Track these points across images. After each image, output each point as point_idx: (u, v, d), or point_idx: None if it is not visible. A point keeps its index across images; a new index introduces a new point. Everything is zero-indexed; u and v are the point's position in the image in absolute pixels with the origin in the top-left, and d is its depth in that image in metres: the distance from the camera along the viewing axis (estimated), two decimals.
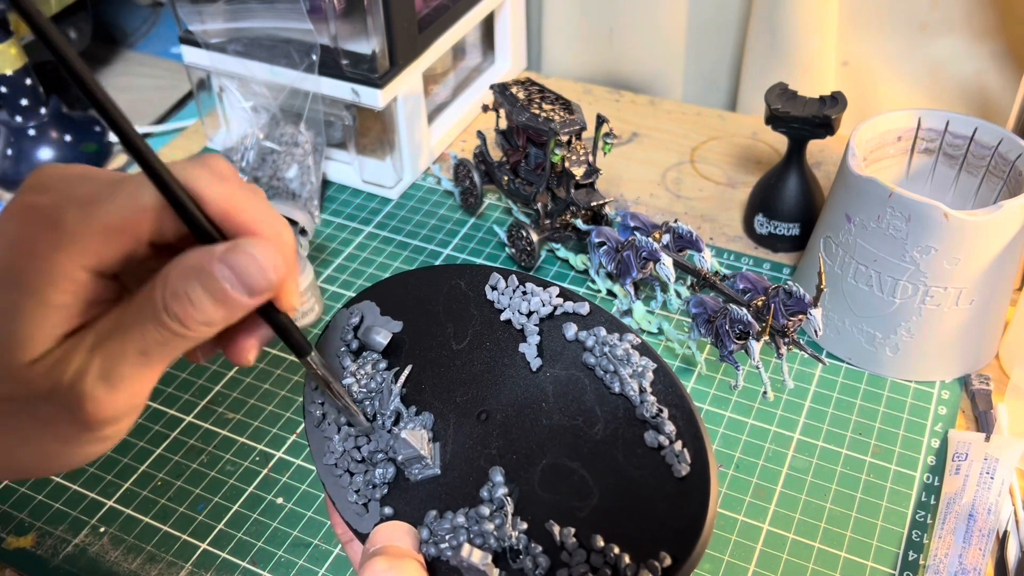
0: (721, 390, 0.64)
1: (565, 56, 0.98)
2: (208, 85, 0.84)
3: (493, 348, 0.45)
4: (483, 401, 0.43)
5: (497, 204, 0.81)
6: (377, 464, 0.43)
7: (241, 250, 0.33)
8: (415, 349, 0.46)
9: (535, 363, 0.44)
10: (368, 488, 0.42)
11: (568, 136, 0.68)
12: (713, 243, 0.76)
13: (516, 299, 0.46)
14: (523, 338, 0.45)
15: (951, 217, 0.57)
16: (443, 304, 0.47)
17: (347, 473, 0.43)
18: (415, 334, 0.46)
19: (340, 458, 0.43)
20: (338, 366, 0.45)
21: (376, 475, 0.42)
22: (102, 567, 0.55)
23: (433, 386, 0.44)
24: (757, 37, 0.86)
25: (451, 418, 0.43)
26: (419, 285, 0.47)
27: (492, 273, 0.46)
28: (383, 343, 0.46)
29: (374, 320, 0.47)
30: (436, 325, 0.46)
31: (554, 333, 0.45)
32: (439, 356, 0.45)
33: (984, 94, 0.85)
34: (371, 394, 0.44)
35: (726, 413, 0.62)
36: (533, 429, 0.42)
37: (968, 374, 0.64)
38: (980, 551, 0.52)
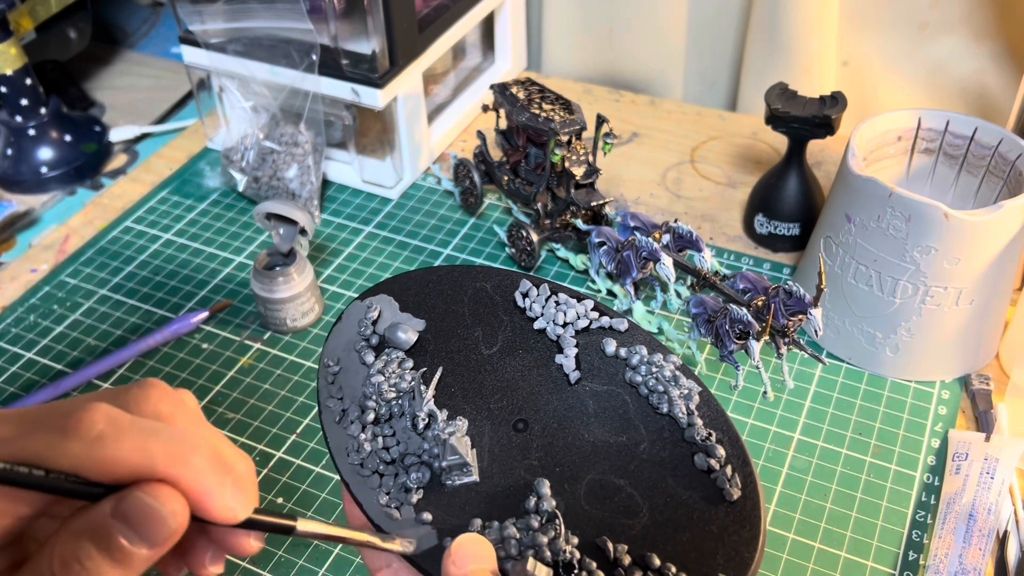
0: (721, 390, 0.64)
1: (565, 56, 0.98)
2: (208, 85, 0.84)
3: (527, 357, 0.44)
4: (519, 410, 0.43)
5: (497, 204, 0.81)
6: (410, 467, 0.41)
7: (134, 499, 0.29)
8: (441, 350, 0.45)
9: (573, 376, 0.43)
10: (400, 492, 0.40)
11: (568, 136, 0.68)
12: (713, 243, 0.76)
13: (549, 308, 0.45)
14: (559, 349, 0.44)
15: (951, 217, 0.57)
16: (469, 306, 0.46)
17: (376, 475, 0.41)
18: (440, 334, 0.45)
19: (368, 458, 0.41)
20: (357, 360, 0.44)
21: (411, 478, 0.40)
22: None
23: (464, 390, 0.43)
24: (757, 37, 0.86)
25: (486, 425, 0.42)
26: (441, 284, 0.47)
27: (522, 280, 0.46)
28: (410, 341, 0.45)
29: (394, 316, 0.46)
30: (462, 327, 0.45)
31: (591, 347, 0.44)
32: (468, 360, 0.44)
33: (984, 94, 0.85)
34: (400, 394, 0.43)
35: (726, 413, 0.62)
36: (576, 443, 0.41)
37: (968, 374, 0.64)
38: (980, 551, 0.52)
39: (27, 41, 0.90)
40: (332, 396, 0.43)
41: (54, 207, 0.85)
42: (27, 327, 0.71)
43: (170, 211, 0.82)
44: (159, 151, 0.90)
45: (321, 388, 0.44)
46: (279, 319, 0.68)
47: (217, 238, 0.79)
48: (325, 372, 0.44)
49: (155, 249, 0.78)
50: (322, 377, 0.44)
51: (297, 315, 0.68)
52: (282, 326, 0.69)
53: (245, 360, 0.68)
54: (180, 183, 0.85)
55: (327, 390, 0.44)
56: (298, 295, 0.67)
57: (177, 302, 0.73)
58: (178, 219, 0.81)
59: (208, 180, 0.85)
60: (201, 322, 0.70)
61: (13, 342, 0.70)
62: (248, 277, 0.75)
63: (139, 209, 0.82)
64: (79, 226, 0.81)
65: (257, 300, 0.68)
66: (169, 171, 0.87)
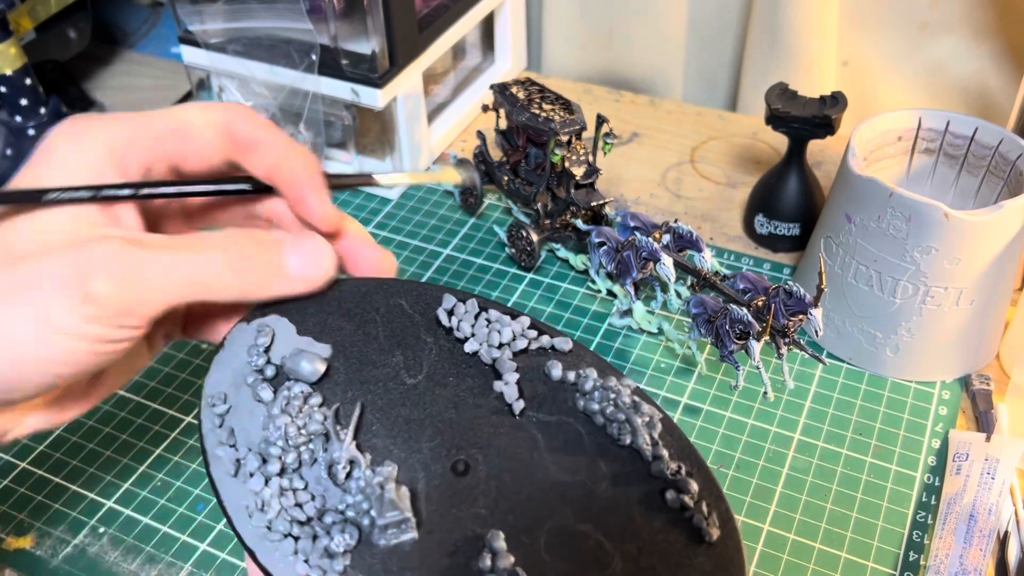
0: (721, 390, 0.64)
1: (565, 56, 0.98)
2: (208, 85, 0.84)
3: (459, 385, 0.38)
4: (458, 449, 0.37)
5: (497, 204, 0.81)
6: (332, 526, 0.35)
7: (308, 243, 0.38)
8: (355, 380, 0.38)
9: (517, 406, 0.38)
10: (322, 557, 0.34)
11: (568, 136, 0.68)
12: (713, 243, 0.76)
13: (480, 328, 0.39)
14: (497, 375, 0.39)
15: (952, 217, 0.57)
16: (383, 327, 0.40)
17: (289, 538, 0.34)
18: (351, 362, 0.39)
19: (276, 519, 0.34)
20: (250, 397, 0.37)
21: (335, 541, 0.34)
22: (101, 567, 0.55)
23: (388, 429, 0.37)
24: (757, 37, 0.86)
25: (419, 469, 0.36)
26: (345, 301, 0.40)
27: (445, 295, 0.40)
28: (317, 373, 0.38)
29: (292, 341, 0.39)
30: (378, 352, 0.39)
31: (534, 372, 0.39)
32: (389, 391, 0.38)
33: (985, 94, 0.85)
34: (311, 438, 0.37)
35: (726, 413, 0.62)
36: (528, 484, 0.36)
37: (969, 374, 0.64)
38: (981, 551, 0.52)
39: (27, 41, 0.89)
40: (222, 443, 0.36)
41: None
42: None
43: None
44: None
45: (206, 433, 0.36)
46: None
47: None
48: (210, 413, 0.37)
49: None
50: (206, 419, 0.37)
51: None
52: None
53: None
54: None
55: (214, 435, 0.36)
56: None
57: None
58: None
59: None
60: None
61: None
62: None
63: None
64: None
65: None
66: None
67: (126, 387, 0.66)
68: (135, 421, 0.64)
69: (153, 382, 0.66)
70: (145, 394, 0.65)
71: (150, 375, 0.67)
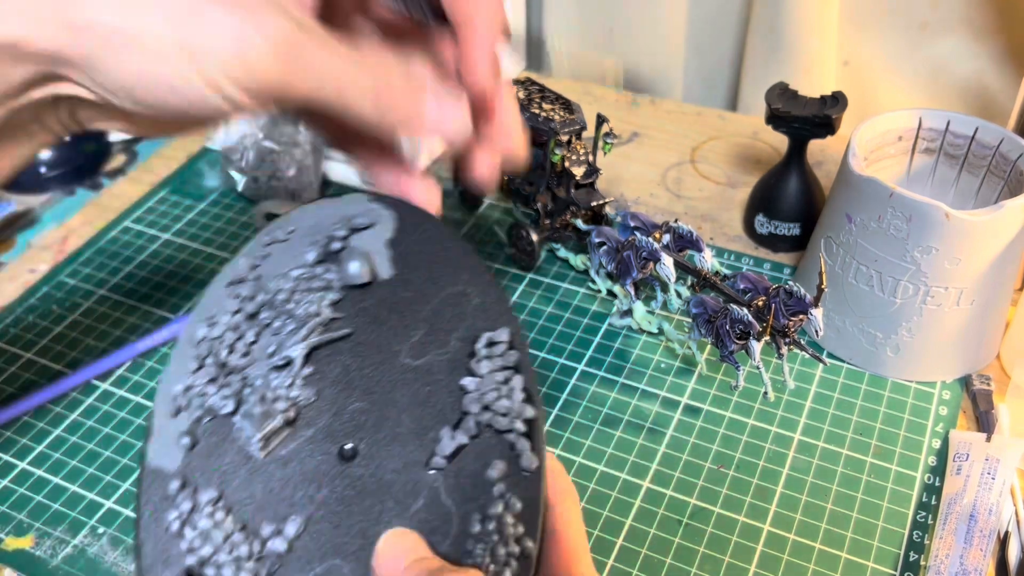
0: (721, 390, 0.64)
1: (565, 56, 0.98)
2: None
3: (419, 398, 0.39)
4: (359, 441, 0.38)
5: (497, 204, 0.81)
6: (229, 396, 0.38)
7: (447, 95, 0.38)
8: (363, 318, 0.39)
9: (437, 462, 0.37)
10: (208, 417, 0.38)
11: (568, 136, 0.68)
12: (713, 243, 0.76)
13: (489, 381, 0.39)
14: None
15: (952, 217, 0.56)
16: (433, 301, 0.40)
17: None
18: (376, 303, 0.40)
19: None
20: (293, 254, 0.41)
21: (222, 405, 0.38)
22: (101, 568, 0.55)
23: (336, 381, 0.39)
24: (757, 37, 0.86)
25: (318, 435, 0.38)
26: (439, 249, 0.41)
27: (503, 327, 0.39)
28: (360, 278, 0.40)
29: (371, 240, 0.41)
30: (404, 315, 0.40)
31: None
32: (379, 356, 0.39)
33: (985, 94, 0.85)
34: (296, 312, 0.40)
35: (726, 413, 0.62)
36: None
37: (969, 374, 0.63)
38: (981, 552, 0.52)
39: None
40: (240, 284, 0.40)
41: (53, 207, 0.85)
42: (26, 327, 0.71)
43: (169, 211, 0.82)
44: (158, 151, 0.90)
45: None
46: None
47: (217, 238, 0.79)
48: (257, 244, 0.41)
49: (154, 249, 0.78)
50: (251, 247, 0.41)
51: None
52: None
53: None
54: (179, 183, 0.85)
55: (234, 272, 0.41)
56: None
57: (177, 302, 0.73)
58: (177, 219, 0.81)
59: (207, 180, 0.85)
60: None
61: (12, 342, 0.70)
62: None
63: (138, 209, 0.82)
64: (78, 226, 0.81)
65: None
66: (168, 171, 0.87)
67: (126, 386, 0.66)
68: (135, 421, 0.63)
69: (153, 382, 0.66)
70: (145, 394, 0.65)
71: (150, 375, 0.67)
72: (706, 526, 0.56)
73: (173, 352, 0.40)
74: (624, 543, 0.55)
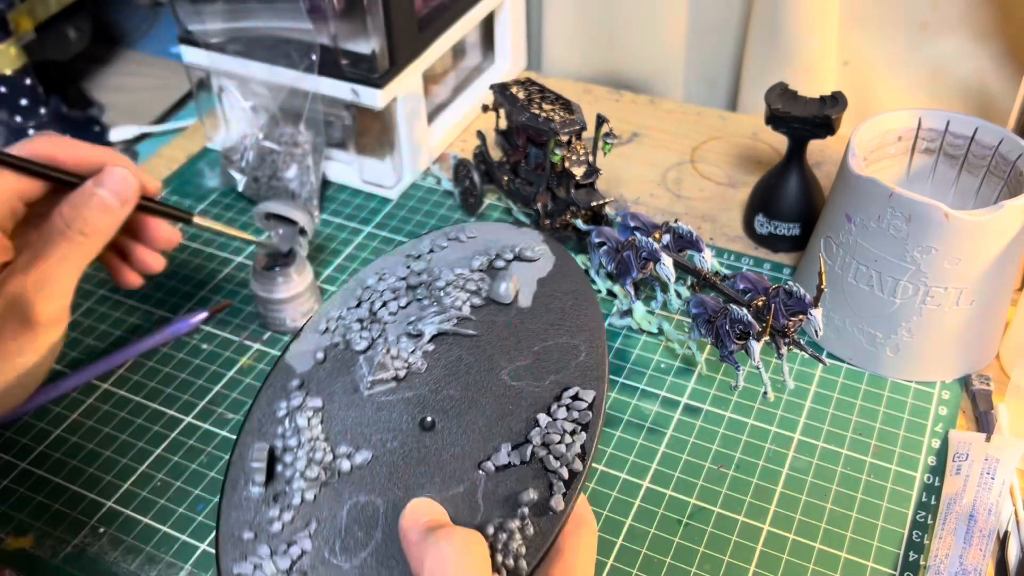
0: (721, 390, 0.64)
1: (565, 56, 0.98)
2: (208, 85, 0.84)
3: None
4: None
5: (497, 204, 0.81)
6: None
7: (107, 174, 0.50)
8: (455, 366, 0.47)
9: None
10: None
11: (568, 136, 0.68)
12: (713, 243, 0.76)
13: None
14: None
15: (952, 217, 0.57)
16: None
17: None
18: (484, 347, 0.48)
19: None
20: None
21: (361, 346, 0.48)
22: (101, 567, 0.55)
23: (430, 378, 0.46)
24: (757, 37, 0.86)
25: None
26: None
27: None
28: (508, 297, 0.48)
29: (525, 272, 0.50)
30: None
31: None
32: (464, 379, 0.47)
33: (985, 94, 0.85)
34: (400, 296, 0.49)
35: (726, 413, 0.62)
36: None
37: (968, 374, 0.64)
38: (981, 552, 0.52)
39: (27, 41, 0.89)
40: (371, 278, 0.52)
41: None
42: None
43: None
44: (159, 151, 0.90)
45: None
46: (279, 319, 0.68)
47: (217, 238, 0.79)
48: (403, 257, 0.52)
49: None
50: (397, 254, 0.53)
51: (297, 315, 0.68)
52: (282, 326, 0.69)
53: (245, 360, 0.68)
54: (180, 183, 0.85)
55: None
56: (298, 295, 0.67)
57: (177, 302, 0.73)
58: None
59: (208, 180, 0.85)
60: (201, 322, 0.70)
61: None
62: (248, 277, 0.75)
63: None
64: None
65: (257, 300, 0.68)
66: (168, 171, 0.87)
67: (126, 386, 0.66)
68: (135, 421, 0.64)
69: (153, 382, 0.66)
70: (145, 394, 0.65)
71: (150, 375, 0.67)
72: (706, 526, 0.56)
73: (344, 286, 0.51)
74: (624, 543, 0.55)
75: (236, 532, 0.42)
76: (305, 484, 0.42)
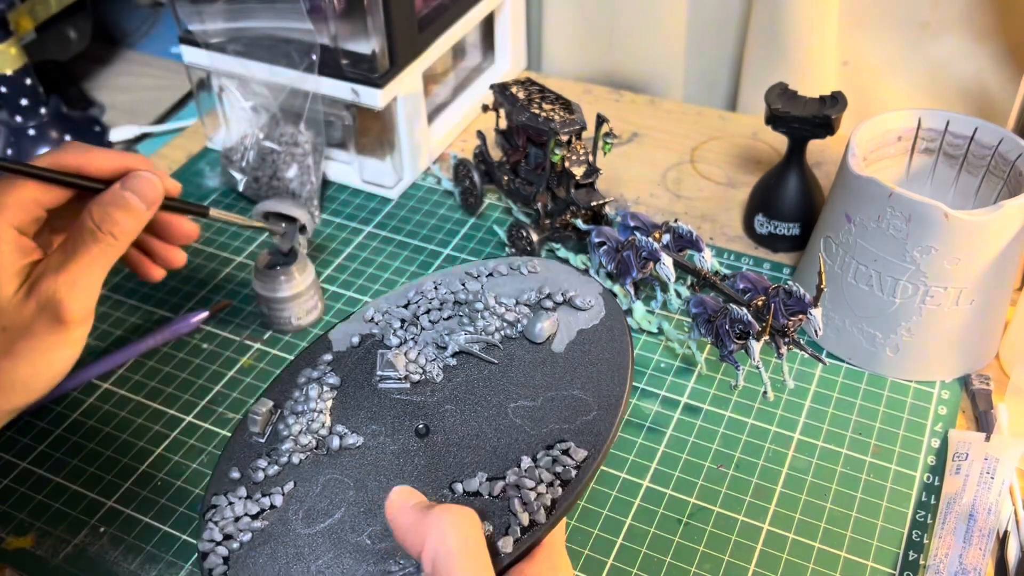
0: (721, 390, 0.64)
1: (565, 56, 0.98)
2: (208, 85, 0.84)
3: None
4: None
5: (497, 204, 0.81)
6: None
7: (133, 178, 0.52)
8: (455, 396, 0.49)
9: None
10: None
11: (568, 136, 0.68)
12: (713, 243, 0.76)
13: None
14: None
15: (951, 217, 0.57)
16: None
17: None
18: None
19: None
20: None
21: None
22: (102, 567, 0.55)
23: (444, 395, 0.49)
24: (757, 37, 0.86)
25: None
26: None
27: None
28: (541, 337, 0.49)
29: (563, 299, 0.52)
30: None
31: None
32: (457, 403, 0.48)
33: (984, 94, 0.85)
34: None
35: (726, 413, 0.62)
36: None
37: (968, 374, 0.64)
38: (980, 551, 0.52)
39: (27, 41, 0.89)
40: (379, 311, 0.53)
41: None
42: None
43: None
44: (159, 151, 0.90)
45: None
46: (283, 318, 0.68)
47: (217, 238, 0.79)
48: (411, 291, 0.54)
49: None
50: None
51: (301, 313, 0.68)
52: (286, 325, 0.69)
53: (245, 360, 0.68)
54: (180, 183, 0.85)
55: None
56: (301, 293, 0.67)
57: (177, 302, 0.73)
58: None
59: (208, 180, 0.85)
60: (201, 322, 0.70)
61: None
62: (248, 277, 0.75)
63: None
64: None
65: (260, 300, 0.68)
66: (169, 171, 0.87)
67: (126, 386, 0.66)
68: (135, 421, 0.64)
69: (153, 382, 0.66)
70: (145, 394, 0.65)
71: (150, 375, 0.67)
72: (706, 525, 0.56)
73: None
74: (624, 542, 0.55)
75: (228, 469, 0.47)
76: (295, 447, 0.46)
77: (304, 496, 0.45)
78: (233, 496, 0.45)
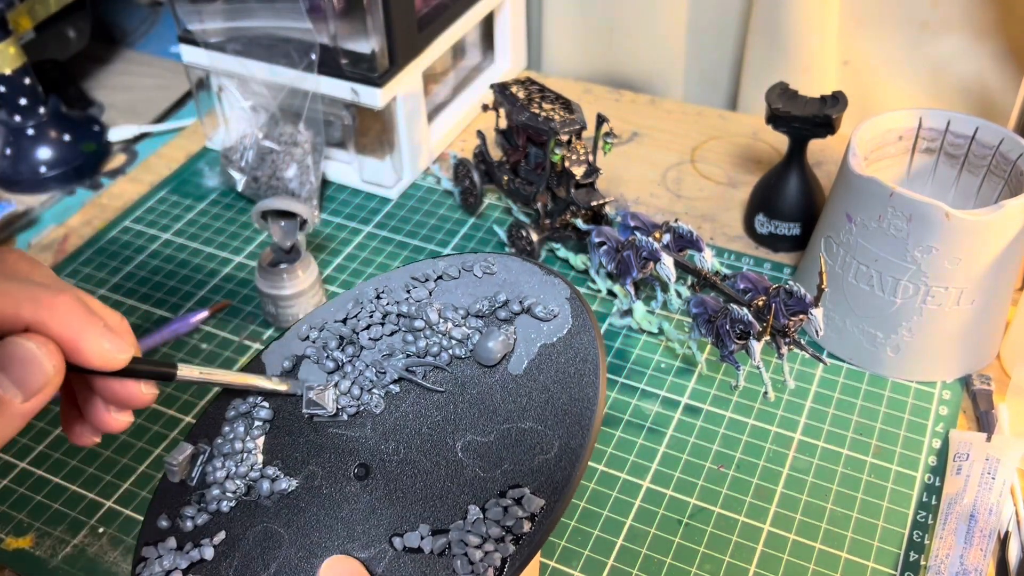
0: (722, 390, 0.64)
1: (565, 56, 0.98)
2: (207, 84, 0.84)
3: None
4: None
5: (497, 204, 0.80)
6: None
7: (8, 344, 0.30)
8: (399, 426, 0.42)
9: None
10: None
11: (568, 136, 0.68)
12: (713, 243, 0.76)
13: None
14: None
15: (952, 217, 0.56)
16: None
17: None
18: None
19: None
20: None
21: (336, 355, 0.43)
22: (101, 567, 0.55)
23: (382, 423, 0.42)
24: (757, 36, 0.86)
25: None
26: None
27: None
28: (494, 360, 0.41)
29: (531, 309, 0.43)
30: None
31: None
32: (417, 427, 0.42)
33: (985, 93, 0.85)
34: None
35: (726, 413, 0.62)
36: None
37: (969, 374, 0.63)
38: (981, 551, 0.52)
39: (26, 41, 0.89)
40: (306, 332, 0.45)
41: (53, 207, 0.85)
42: None
43: (169, 211, 0.82)
44: (158, 151, 0.90)
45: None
46: (291, 316, 0.68)
47: (216, 238, 0.79)
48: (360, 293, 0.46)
49: (154, 249, 0.78)
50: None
51: (309, 309, 0.68)
52: (292, 322, 0.69)
53: (245, 360, 0.68)
54: (179, 183, 0.85)
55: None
56: (306, 289, 0.67)
57: (176, 302, 0.73)
58: (177, 219, 0.81)
59: (207, 180, 0.85)
60: (201, 322, 0.70)
61: None
62: (247, 277, 0.75)
63: (138, 209, 0.82)
64: (78, 226, 0.81)
65: (264, 299, 0.68)
66: (168, 171, 0.86)
67: None
68: (135, 421, 0.63)
69: None
70: None
71: None
72: (706, 526, 0.56)
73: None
74: (624, 543, 0.55)
75: (156, 516, 0.42)
76: (223, 494, 0.41)
77: (235, 548, 0.40)
78: (163, 548, 0.40)
